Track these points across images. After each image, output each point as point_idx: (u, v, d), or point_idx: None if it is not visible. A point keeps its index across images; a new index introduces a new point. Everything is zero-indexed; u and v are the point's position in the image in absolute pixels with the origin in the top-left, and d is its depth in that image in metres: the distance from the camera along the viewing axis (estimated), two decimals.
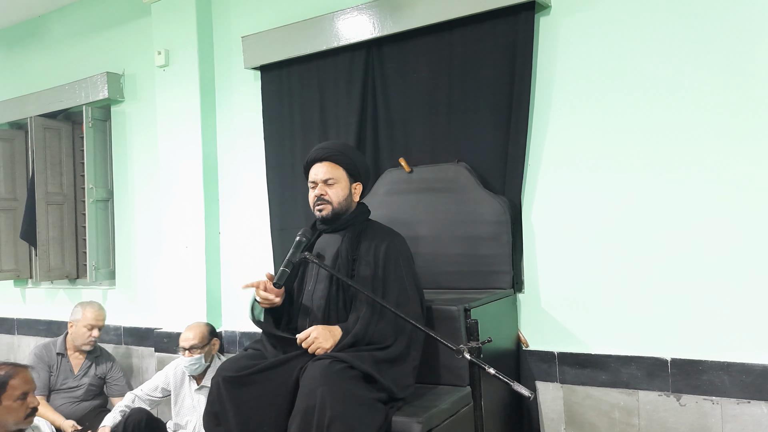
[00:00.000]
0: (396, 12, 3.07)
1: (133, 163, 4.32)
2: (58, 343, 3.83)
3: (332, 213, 2.41)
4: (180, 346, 3.20)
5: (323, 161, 2.43)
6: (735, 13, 2.45)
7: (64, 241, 4.68)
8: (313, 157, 2.46)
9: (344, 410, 1.97)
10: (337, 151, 2.45)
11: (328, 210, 2.41)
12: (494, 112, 2.91)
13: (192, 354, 3.15)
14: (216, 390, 2.17)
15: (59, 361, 3.79)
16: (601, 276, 2.71)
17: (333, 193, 2.41)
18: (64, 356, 3.80)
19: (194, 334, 3.19)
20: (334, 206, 2.41)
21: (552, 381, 2.82)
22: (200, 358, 3.17)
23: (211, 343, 3.25)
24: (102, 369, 3.83)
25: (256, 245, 3.72)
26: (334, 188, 2.41)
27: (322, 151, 2.46)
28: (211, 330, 3.29)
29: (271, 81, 3.61)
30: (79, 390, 3.75)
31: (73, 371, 3.79)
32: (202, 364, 3.18)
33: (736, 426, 2.43)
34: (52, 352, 3.80)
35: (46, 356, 3.79)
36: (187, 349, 3.16)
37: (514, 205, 2.87)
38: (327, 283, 2.37)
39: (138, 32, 4.23)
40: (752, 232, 2.42)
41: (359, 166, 2.48)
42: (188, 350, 3.16)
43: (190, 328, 3.25)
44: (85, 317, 3.75)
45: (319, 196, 2.41)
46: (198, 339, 3.18)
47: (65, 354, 3.80)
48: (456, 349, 1.97)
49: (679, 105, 2.55)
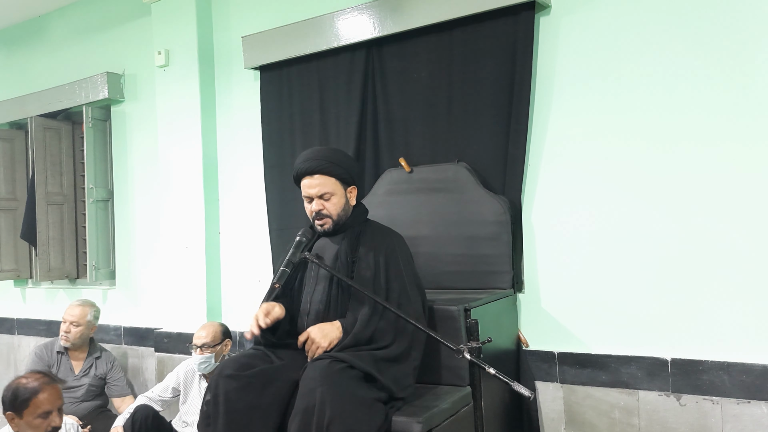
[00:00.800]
0: (396, 12, 3.07)
1: (133, 163, 4.32)
2: (58, 343, 3.83)
3: (333, 226, 2.39)
4: (192, 344, 3.23)
5: (314, 174, 2.36)
6: (735, 13, 2.45)
7: (64, 241, 4.68)
8: (303, 170, 2.38)
9: (343, 410, 1.97)
10: (326, 162, 2.35)
11: (329, 224, 2.38)
12: (494, 112, 2.91)
13: (203, 352, 3.17)
14: (213, 389, 2.17)
15: (59, 359, 3.79)
16: (601, 276, 2.71)
17: (331, 207, 2.37)
18: (65, 354, 3.80)
19: (207, 333, 3.21)
20: (334, 219, 2.38)
21: (552, 381, 2.82)
22: (210, 357, 3.17)
23: (224, 343, 3.25)
24: (102, 369, 3.83)
25: (255, 245, 3.72)
26: (331, 201, 2.37)
27: (310, 164, 2.36)
28: (224, 330, 3.29)
29: (270, 81, 3.61)
30: (80, 390, 3.74)
31: (74, 371, 3.79)
32: (212, 364, 3.18)
33: (736, 426, 2.43)
34: (52, 351, 3.81)
35: (47, 356, 3.79)
36: (199, 347, 3.18)
37: (514, 205, 2.87)
38: (326, 284, 2.37)
39: (138, 32, 4.23)
40: (752, 232, 2.42)
41: (350, 169, 2.41)
42: (200, 348, 3.17)
43: (205, 326, 3.28)
44: (64, 313, 3.79)
45: (317, 212, 2.37)
46: (210, 338, 3.19)
47: (65, 352, 3.81)
48: (456, 349, 1.97)
49: (680, 105, 2.55)
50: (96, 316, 3.86)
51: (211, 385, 2.19)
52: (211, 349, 3.18)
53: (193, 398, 3.29)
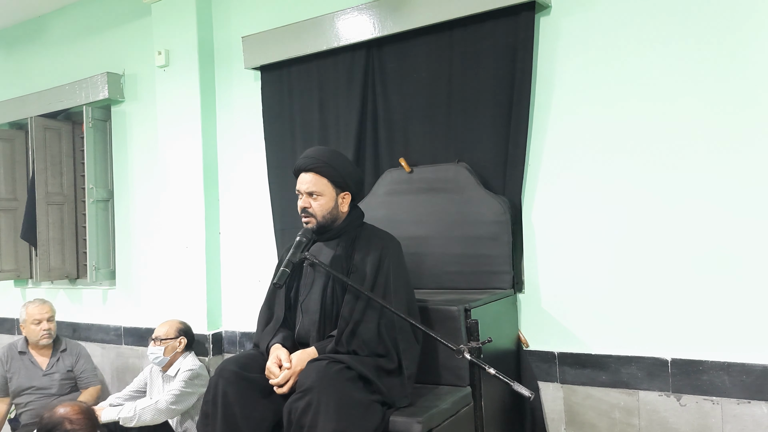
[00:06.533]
0: (396, 12, 3.07)
1: (133, 163, 4.32)
2: (20, 343, 3.92)
3: (317, 226, 2.38)
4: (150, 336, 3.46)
5: (309, 171, 2.37)
6: (735, 12, 2.45)
7: (64, 241, 4.68)
8: (300, 166, 2.41)
9: (340, 410, 1.97)
10: (322, 162, 2.36)
11: (313, 223, 2.38)
12: (494, 112, 2.91)
13: (155, 345, 3.36)
14: (213, 389, 2.17)
15: (22, 359, 3.85)
16: (601, 276, 2.71)
17: (317, 207, 2.37)
18: (26, 353, 3.87)
19: (163, 327, 3.43)
20: (318, 219, 2.37)
21: (552, 381, 2.82)
22: (161, 350, 3.35)
23: (177, 339, 3.40)
24: (69, 361, 3.89)
25: (256, 245, 3.72)
26: (318, 201, 2.37)
27: (307, 161, 2.38)
28: (182, 328, 3.46)
29: (271, 81, 3.61)
30: (52, 388, 3.80)
31: (41, 367, 3.84)
32: (162, 357, 3.35)
33: (736, 426, 2.43)
34: (14, 352, 3.88)
35: (5, 357, 3.86)
36: (152, 339, 3.39)
37: (514, 205, 2.87)
38: (321, 287, 2.36)
39: (138, 32, 4.23)
40: (753, 232, 2.42)
41: (346, 175, 2.39)
42: (153, 341, 3.38)
43: (166, 322, 3.49)
44: (29, 315, 3.87)
45: (303, 208, 2.39)
46: (164, 332, 3.40)
47: (27, 351, 3.88)
48: (456, 349, 1.97)
49: (680, 105, 2.55)
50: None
51: (210, 385, 2.20)
52: (162, 342, 3.35)
53: (157, 390, 3.46)
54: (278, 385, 2.17)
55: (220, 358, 3.76)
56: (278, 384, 2.17)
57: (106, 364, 4.36)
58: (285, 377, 2.17)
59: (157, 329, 3.42)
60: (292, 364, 2.18)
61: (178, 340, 3.40)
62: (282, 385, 2.17)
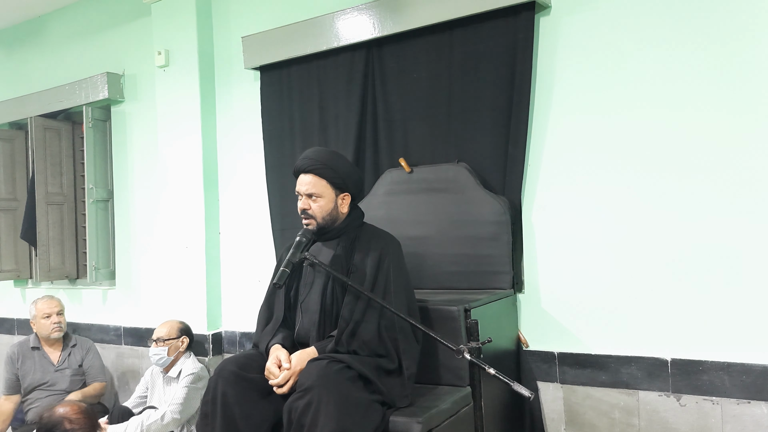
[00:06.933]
0: (396, 12, 3.07)
1: (133, 163, 4.32)
2: (32, 338, 3.92)
3: (317, 227, 2.39)
4: (151, 338, 3.45)
5: (308, 173, 2.38)
6: (735, 14, 2.45)
7: (64, 241, 4.68)
8: (299, 167, 2.41)
9: (339, 410, 1.96)
10: (321, 164, 2.36)
11: (313, 224, 2.38)
12: (494, 112, 2.91)
13: (158, 345, 3.36)
14: (212, 389, 2.17)
15: (35, 355, 3.86)
16: (601, 276, 2.71)
17: (317, 208, 2.37)
18: (39, 350, 3.88)
19: (164, 327, 3.42)
20: (318, 221, 2.38)
21: (552, 381, 2.82)
22: (164, 350, 3.35)
23: (180, 339, 3.40)
24: (80, 356, 3.91)
25: (256, 245, 3.72)
26: (318, 203, 2.37)
27: (306, 162, 2.38)
28: (182, 328, 3.46)
29: (271, 81, 3.61)
30: (63, 382, 3.80)
31: (54, 363, 3.85)
32: (166, 357, 3.35)
33: (736, 426, 2.43)
34: (26, 349, 3.88)
35: (16, 355, 3.86)
36: (154, 340, 3.38)
37: (514, 205, 2.87)
38: (321, 288, 2.37)
39: (138, 32, 4.23)
40: (752, 232, 2.42)
41: (345, 177, 2.39)
42: (155, 342, 3.38)
43: (165, 322, 3.49)
44: (39, 310, 3.87)
45: (303, 210, 2.39)
46: (165, 332, 3.39)
47: (40, 347, 3.88)
48: (456, 349, 1.97)
49: (680, 105, 2.55)
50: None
51: (210, 386, 2.20)
52: (165, 343, 3.36)
53: (155, 390, 3.47)
54: (278, 385, 2.17)
55: (220, 358, 3.76)
56: (278, 384, 2.17)
57: (106, 364, 4.34)
58: (285, 377, 2.17)
59: (158, 330, 3.42)
60: (291, 365, 2.18)
61: (181, 340, 3.41)
62: (282, 385, 2.17)
